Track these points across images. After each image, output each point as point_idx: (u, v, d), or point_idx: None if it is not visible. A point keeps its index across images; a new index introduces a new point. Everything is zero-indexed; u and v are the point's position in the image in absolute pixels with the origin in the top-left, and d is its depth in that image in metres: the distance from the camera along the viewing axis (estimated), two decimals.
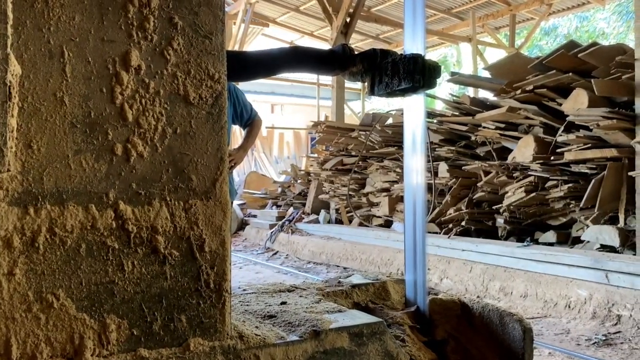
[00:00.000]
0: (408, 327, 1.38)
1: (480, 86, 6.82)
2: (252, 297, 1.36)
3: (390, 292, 1.57)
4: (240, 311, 1.24)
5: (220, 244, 0.98)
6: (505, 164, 5.25)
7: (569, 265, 4.27)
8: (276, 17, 13.68)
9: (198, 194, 0.96)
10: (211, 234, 0.97)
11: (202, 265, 0.96)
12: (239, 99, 3.49)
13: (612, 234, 4.58)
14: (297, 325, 1.10)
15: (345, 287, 1.52)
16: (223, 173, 0.97)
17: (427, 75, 1.40)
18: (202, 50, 0.96)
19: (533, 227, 5.52)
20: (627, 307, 3.81)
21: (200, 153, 0.96)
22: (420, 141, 1.47)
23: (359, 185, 7.76)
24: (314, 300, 1.31)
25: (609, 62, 4.80)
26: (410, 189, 1.51)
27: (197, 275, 0.96)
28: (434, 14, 11.97)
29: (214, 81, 0.97)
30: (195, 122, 0.96)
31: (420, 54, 1.41)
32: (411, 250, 1.50)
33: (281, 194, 10.25)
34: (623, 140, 4.53)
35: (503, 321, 1.34)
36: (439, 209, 6.10)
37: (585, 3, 10.80)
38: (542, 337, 3.77)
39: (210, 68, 0.97)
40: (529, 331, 1.30)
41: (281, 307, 1.24)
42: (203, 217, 0.96)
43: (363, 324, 1.11)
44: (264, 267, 7.12)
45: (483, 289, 4.84)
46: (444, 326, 1.44)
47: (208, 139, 0.96)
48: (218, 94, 0.98)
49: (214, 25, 0.97)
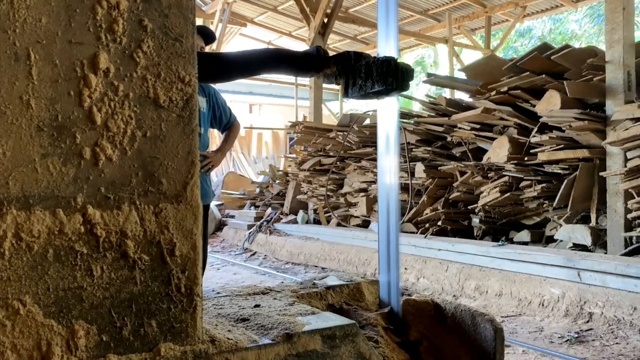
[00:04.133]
0: (381, 328, 1.39)
1: (456, 87, 6.90)
2: (225, 300, 1.36)
3: (365, 293, 1.58)
4: (214, 314, 1.23)
5: (191, 248, 0.97)
6: (480, 164, 5.32)
7: (543, 264, 4.34)
8: (254, 17, 13.63)
9: (168, 198, 0.95)
10: (182, 238, 0.96)
11: (172, 269, 0.96)
12: (218, 103, 3.48)
13: (584, 233, 4.67)
14: (269, 329, 1.10)
15: (319, 288, 1.52)
16: (194, 176, 0.97)
17: (400, 78, 1.41)
18: (172, 53, 0.96)
19: (508, 226, 5.60)
20: (598, 305, 3.89)
21: (170, 156, 0.95)
22: (394, 142, 1.48)
23: (337, 185, 7.78)
24: (288, 302, 1.31)
25: (581, 65, 4.89)
26: (384, 190, 1.52)
27: (168, 280, 0.96)
28: (410, 15, 12.05)
29: (185, 84, 0.97)
30: (166, 125, 0.95)
31: (393, 56, 1.42)
32: (385, 251, 1.52)
33: (259, 195, 10.21)
34: (594, 141, 4.62)
35: (475, 321, 1.36)
36: (415, 209, 6.15)
37: (559, 6, 10.98)
38: (517, 335, 3.83)
39: (180, 71, 0.96)
40: (500, 331, 1.31)
41: (254, 310, 1.24)
42: (174, 221, 0.95)
43: (336, 326, 1.12)
44: (242, 268, 7.09)
45: (459, 288, 4.90)
46: (417, 327, 1.45)
47: (179, 142, 0.96)
48: (189, 96, 0.97)
49: (184, 28, 0.97)
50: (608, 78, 4.57)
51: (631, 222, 4.39)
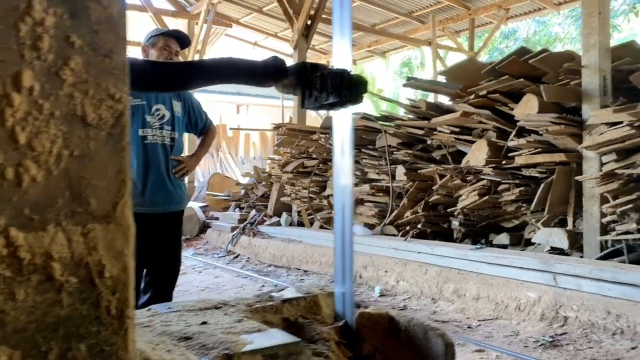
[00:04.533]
0: (334, 343, 1.37)
1: (435, 91, 6.92)
2: (175, 316, 1.33)
3: (322, 306, 1.56)
4: (158, 332, 1.21)
5: (122, 269, 0.95)
6: (459, 167, 5.33)
7: (519, 268, 4.36)
8: (239, 17, 13.58)
9: (97, 218, 0.93)
10: (112, 259, 0.94)
11: (102, 291, 0.93)
12: (193, 107, 3.46)
13: (561, 236, 4.69)
14: (210, 348, 1.08)
15: (275, 302, 1.50)
16: (125, 195, 0.95)
17: (353, 90, 1.40)
18: (101, 70, 0.93)
19: (488, 229, 5.62)
20: (573, 309, 3.91)
21: (99, 175, 0.93)
22: (348, 149, 1.47)
23: (320, 187, 7.76)
24: (237, 319, 1.29)
25: (559, 69, 4.92)
26: (339, 200, 1.51)
27: (97, 302, 0.93)
28: (395, 17, 12.08)
29: (115, 101, 0.94)
30: (94, 143, 0.93)
31: (347, 69, 1.41)
32: (340, 260, 1.50)
33: (244, 196, 10.17)
34: (571, 145, 4.65)
35: (427, 336, 1.35)
36: (397, 212, 6.16)
37: (541, 8, 11.06)
38: (492, 339, 3.84)
39: (110, 87, 0.94)
40: (451, 346, 1.31)
41: (201, 327, 1.22)
42: (103, 242, 0.93)
43: (279, 345, 1.10)
44: (224, 271, 7.06)
45: (437, 291, 4.90)
46: (371, 340, 1.44)
47: (108, 161, 0.94)
48: (119, 113, 0.95)
49: (115, 44, 0.94)
50: (584, 82, 4.60)
51: (606, 226, 4.42)
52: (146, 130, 3.14)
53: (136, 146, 3.12)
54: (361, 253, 6.03)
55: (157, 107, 3.19)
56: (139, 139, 3.12)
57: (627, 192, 4.14)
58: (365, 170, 6.71)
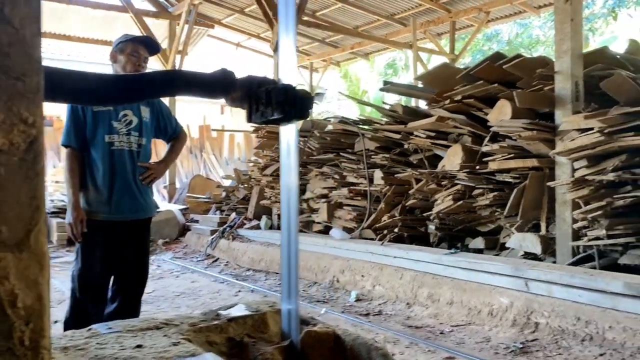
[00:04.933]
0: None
1: (411, 95, 6.93)
2: (112, 338, 1.30)
3: (270, 324, 1.54)
4: (90, 356, 1.18)
5: (36, 298, 0.92)
6: (434, 172, 5.34)
7: (492, 273, 4.37)
8: (221, 18, 13.52)
9: (9, 246, 0.90)
10: (25, 289, 0.91)
11: (15, 322, 0.90)
12: (162, 113, 3.41)
13: (535, 241, 4.71)
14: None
15: (221, 321, 1.48)
16: (39, 223, 0.92)
17: (297, 106, 1.38)
18: (13, 94, 0.90)
19: (464, 233, 5.64)
20: (544, 315, 3.93)
21: (11, 202, 0.90)
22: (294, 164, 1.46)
23: (300, 191, 7.73)
24: (174, 341, 1.26)
25: (533, 74, 4.94)
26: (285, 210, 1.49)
27: (9, 333, 0.90)
28: (377, 19, 12.10)
29: (28, 125, 0.91)
30: (5, 169, 0.89)
31: (291, 84, 1.39)
32: (286, 275, 1.47)
33: (225, 199, 10.10)
34: (544, 150, 4.67)
35: (370, 355, 1.33)
36: (374, 216, 6.15)
37: (522, 12, 11.14)
38: (464, 345, 3.84)
39: (23, 112, 0.91)
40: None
41: (134, 351, 1.19)
42: (15, 271, 0.90)
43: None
44: (201, 275, 7.00)
45: (412, 296, 4.90)
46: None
47: (21, 187, 0.90)
48: (33, 138, 0.92)
49: (27, 67, 0.91)
50: (557, 88, 4.63)
51: (578, 232, 4.44)
52: (113, 136, 3.09)
53: (102, 152, 3.07)
54: (339, 257, 6.02)
55: (124, 112, 3.15)
56: (105, 145, 3.08)
57: (598, 198, 4.17)
58: (343, 174, 6.70)
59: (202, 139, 19.06)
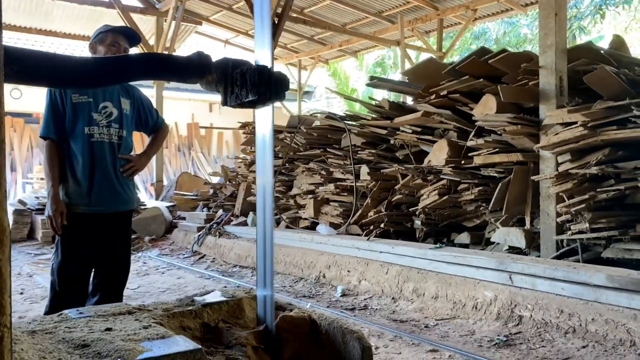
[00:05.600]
0: (251, 348, 1.34)
1: (398, 90, 6.93)
2: (82, 322, 1.28)
3: (246, 309, 1.52)
4: (57, 339, 1.15)
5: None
6: (420, 167, 5.34)
7: (477, 267, 4.38)
8: (209, 15, 13.44)
9: None
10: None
11: None
12: (143, 105, 3.37)
13: (519, 235, 4.73)
14: (104, 357, 1.03)
15: (195, 306, 1.46)
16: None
17: (273, 88, 1.36)
18: None
19: (449, 228, 5.65)
20: (528, 308, 3.94)
21: None
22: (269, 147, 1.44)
23: (287, 187, 7.72)
24: (145, 324, 1.24)
25: (518, 69, 4.95)
26: (261, 201, 1.48)
27: None
28: (365, 16, 12.09)
29: None
30: None
31: (267, 65, 1.37)
32: (262, 261, 1.46)
33: (212, 196, 10.05)
34: (529, 145, 4.69)
35: (345, 339, 1.32)
36: (360, 211, 6.14)
37: (509, 9, 11.19)
38: (448, 338, 3.85)
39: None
40: (368, 349, 1.28)
41: (103, 334, 1.17)
42: None
43: (176, 353, 1.06)
44: (187, 271, 6.96)
45: (398, 291, 4.90)
46: (292, 345, 1.40)
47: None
48: None
49: None
50: (541, 83, 4.64)
51: (562, 226, 4.46)
52: (92, 128, 3.06)
53: (82, 144, 3.03)
54: (325, 253, 6.01)
55: (104, 104, 3.11)
56: (85, 137, 3.04)
57: (581, 192, 4.19)
58: (330, 170, 6.69)
59: (190, 137, 18.96)
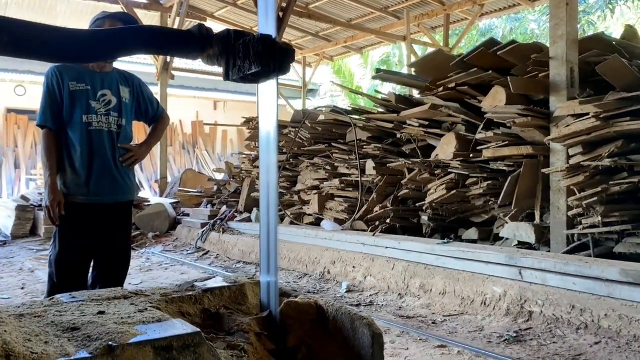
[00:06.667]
0: (254, 335, 1.25)
1: (404, 83, 6.83)
2: (73, 306, 1.20)
3: (248, 295, 1.44)
4: (47, 322, 1.07)
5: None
6: (427, 161, 5.24)
7: (485, 262, 4.28)
8: (214, 11, 13.34)
9: None
10: None
11: None
12: (143, 95, 3.29)
13: (528, 230, 4.63)
14: (94, 340, 0.95)
15: (195, 291, 1.38)
16: None
17: (277, 58, 1.27)
18: None
19: (457, 223, 5.55)
20: (538, 303, 3.84)
21: None
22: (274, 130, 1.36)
23: (291, 182, 7.63)
24: (140, 308, 1.16)
25: (527, 60, 4.85)
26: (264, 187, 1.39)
27: None
28: (371, 12, 11.98)
29: None
30: None
31: (271, 34, 1.28)
32: (265, 249, 1.38)
33: (217, 192, 10.00)
34: (539, 137, 4.58)
35: (354, 325, 1.23)
36: (366, 207, 6.05)
37: (516, 4, 11.05)
38: (456, 334, 3.75)
39: None
40: (378, 336, 1.19)
41: (94, 317, 1.09)
42: None
43: (172, 337, 0.97)
44: (191, 267, 6.89)
45: (404, 287, 4.81)
46: (297, 332, 1.32)
47: None
48: None
49: None
50: (552, 74, 4.54)
51: (573, 220, 4.36)
52: (91, 116, 2.98)
53: (80, 133, 2.95)
54: (330, 248, 5.92)
55: (102, 92, 3.03)
56: (83, 125, 2.96)
57: (593, 184, 4.08)
58: (335, 165, 6.60)
59: (194, 134, 18.92)
